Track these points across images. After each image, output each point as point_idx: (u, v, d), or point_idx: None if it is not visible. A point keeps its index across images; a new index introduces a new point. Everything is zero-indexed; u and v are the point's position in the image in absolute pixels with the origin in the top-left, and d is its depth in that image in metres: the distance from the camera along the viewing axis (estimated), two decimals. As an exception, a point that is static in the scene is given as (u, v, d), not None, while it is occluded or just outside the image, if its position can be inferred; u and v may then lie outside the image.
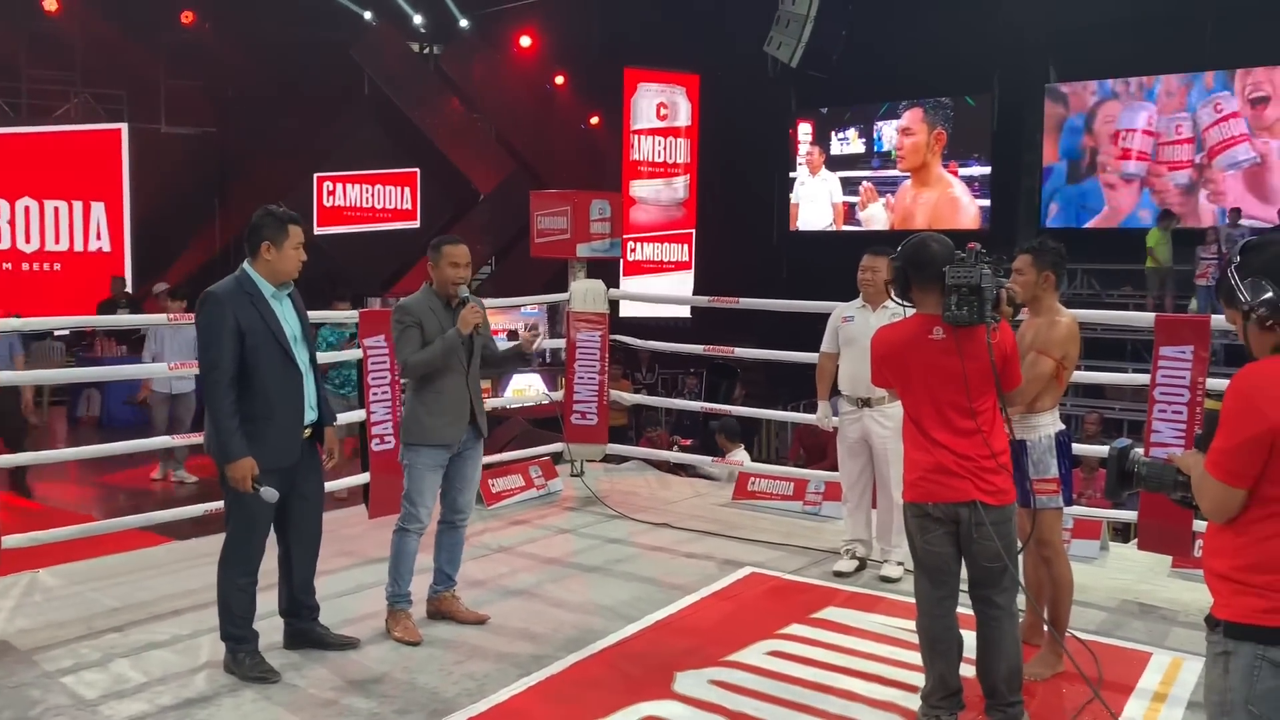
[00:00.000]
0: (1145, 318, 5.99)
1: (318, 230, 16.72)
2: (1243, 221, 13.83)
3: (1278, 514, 2.26)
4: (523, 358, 4.69)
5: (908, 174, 17.57)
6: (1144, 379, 5.17)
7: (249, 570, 3.92)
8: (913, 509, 3.50)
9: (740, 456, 7.99)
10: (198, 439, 5.55)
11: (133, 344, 11.89)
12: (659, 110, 14.99)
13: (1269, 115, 14.46)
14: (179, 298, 8.91)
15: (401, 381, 5.09)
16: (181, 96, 16.33)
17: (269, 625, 4.10)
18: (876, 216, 17.92)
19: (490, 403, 7.73)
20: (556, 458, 7.14)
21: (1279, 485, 2.25)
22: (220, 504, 5.23)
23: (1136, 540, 5.30)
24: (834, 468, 5.85)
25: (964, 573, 3.53)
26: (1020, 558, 4.22)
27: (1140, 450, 2.59)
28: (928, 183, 17.39)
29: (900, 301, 3.60)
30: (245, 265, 3.90)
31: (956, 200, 17.13)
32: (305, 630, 4.16)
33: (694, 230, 15.38)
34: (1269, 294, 2.26)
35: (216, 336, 3.75)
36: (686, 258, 15.37)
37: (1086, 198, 16.00)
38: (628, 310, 11.48)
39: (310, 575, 4.16)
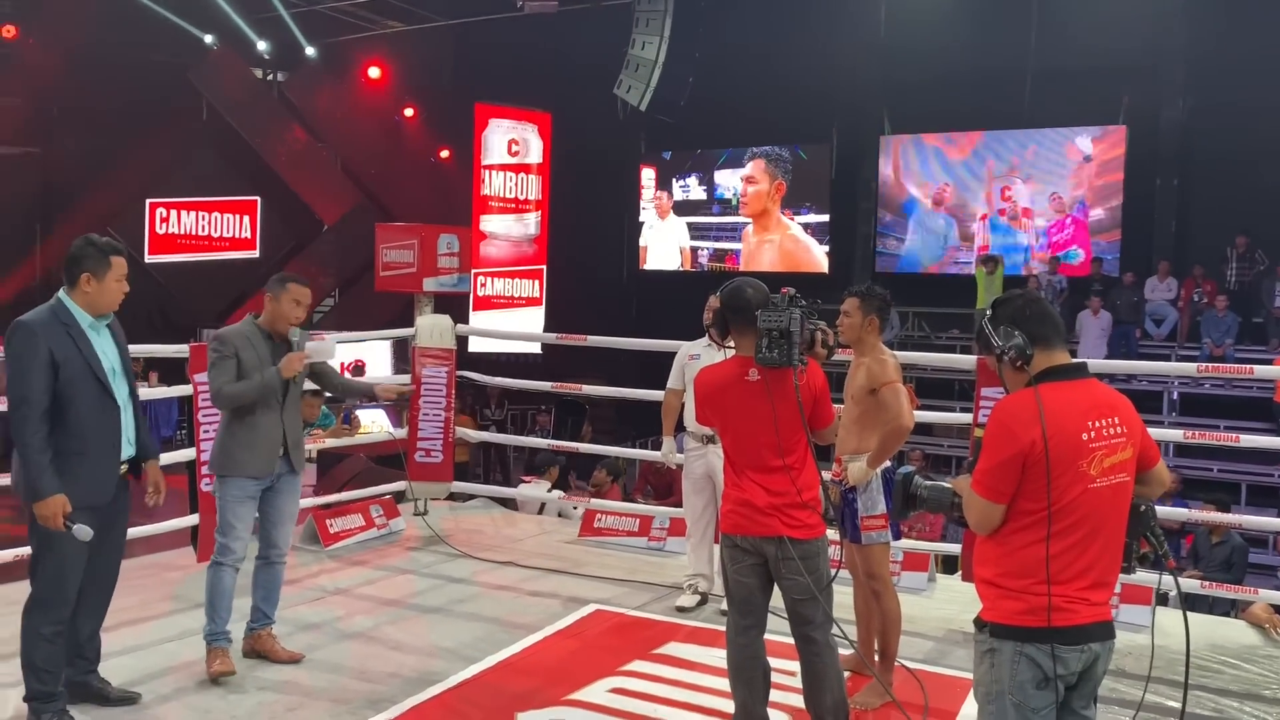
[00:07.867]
0: (968, 360, 6.29)
1: (149, 259, 15.98)
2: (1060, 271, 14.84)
3: (1030, 526, 2.57)
4: (372, 396, 4.74)
5: (748, 220, 18.20)
6: (969, 417, 5.44)
7: (58, 618, 3.66)
8: (725, 540, 3.63)
9: (536, 488, 8.43)
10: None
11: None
12: (510, 146, 14.99)
13: (1084, 172, 15.58)
14: None
15: None
16: (0, 113, 15.36)
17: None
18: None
19: (331, 441, 7.55)
20: (399, 496, 6.99)
21: (1031, 500, 2.55)
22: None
23: (960, 572, 5.56)
24: (680, 503, 5.93)
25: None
26: (853, 592, 4.38)
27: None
28: (768, 227, 18.11)
29: (722, 344, 3.71)
30: (61, 294, 3.69)
31: (798, 240, 17.86)
32: (83, 683, 3.88)
33: (545, 266, 15.42)
34: (1017, 340, 2.62)
35: (28, 368, 3.54)
36: (538, 293, 15.37)
37: (919, 243, 16.82)
38: (477, 345, 11.38)
39: (99, 623, 3.93)
